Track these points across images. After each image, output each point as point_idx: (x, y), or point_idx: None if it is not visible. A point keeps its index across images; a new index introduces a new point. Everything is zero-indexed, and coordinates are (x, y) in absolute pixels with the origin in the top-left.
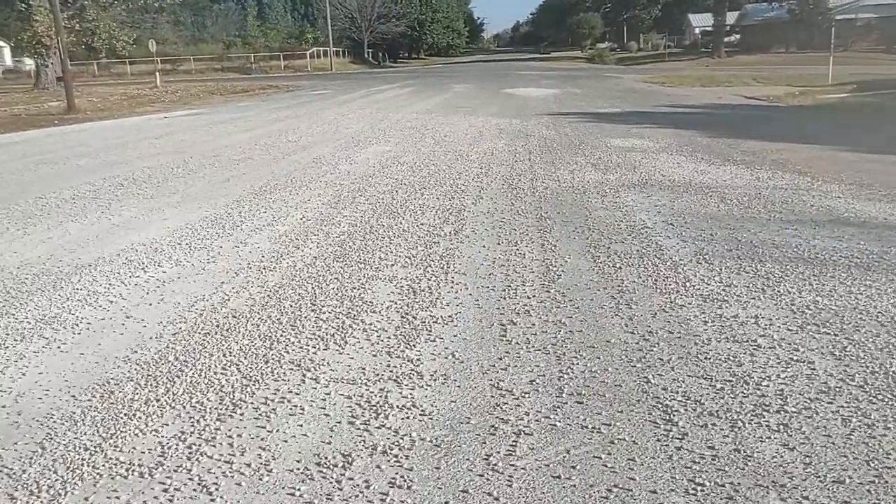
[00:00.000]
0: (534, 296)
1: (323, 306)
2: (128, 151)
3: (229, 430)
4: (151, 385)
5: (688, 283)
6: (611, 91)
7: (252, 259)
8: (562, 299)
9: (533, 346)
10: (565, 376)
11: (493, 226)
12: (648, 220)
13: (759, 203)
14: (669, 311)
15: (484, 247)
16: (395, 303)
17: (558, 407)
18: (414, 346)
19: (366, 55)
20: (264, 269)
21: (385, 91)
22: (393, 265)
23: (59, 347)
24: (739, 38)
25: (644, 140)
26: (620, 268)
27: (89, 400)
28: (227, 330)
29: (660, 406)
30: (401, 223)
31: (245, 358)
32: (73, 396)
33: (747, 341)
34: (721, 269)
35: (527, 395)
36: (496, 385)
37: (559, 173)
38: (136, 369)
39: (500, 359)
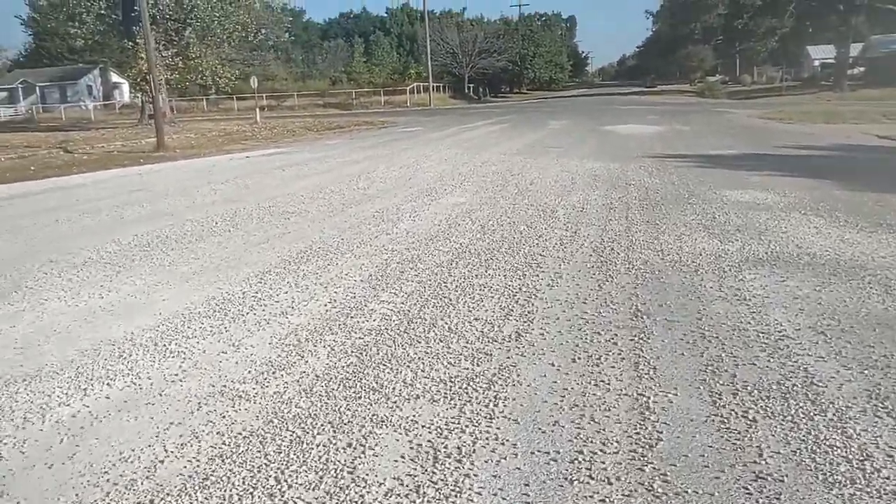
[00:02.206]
0: (618, 478)
1: (289, 486)
2: (183, 199)
3: None
4: None
5: (867, 463)
6: (723, 128)
7: (233, 377)
8: (663, 492)
9: None
10: None
11: (571, 326)
12: (788, 324)
13: None
14: None
15: (552, 365)
16: (400, 482)
17: None
18: None
19: (466, 90)
20: (240, 397)
21: (478, 128)
22: (419, 397)
23: None
24: (864, 71)
25: (768, 192)
26: (755, 420)
27: None
28: None
29: None
30: (449, 317)
31: None
32: None
33: None
34: None
35: None
36: None
37: (663, 239)
38: None
39: None
